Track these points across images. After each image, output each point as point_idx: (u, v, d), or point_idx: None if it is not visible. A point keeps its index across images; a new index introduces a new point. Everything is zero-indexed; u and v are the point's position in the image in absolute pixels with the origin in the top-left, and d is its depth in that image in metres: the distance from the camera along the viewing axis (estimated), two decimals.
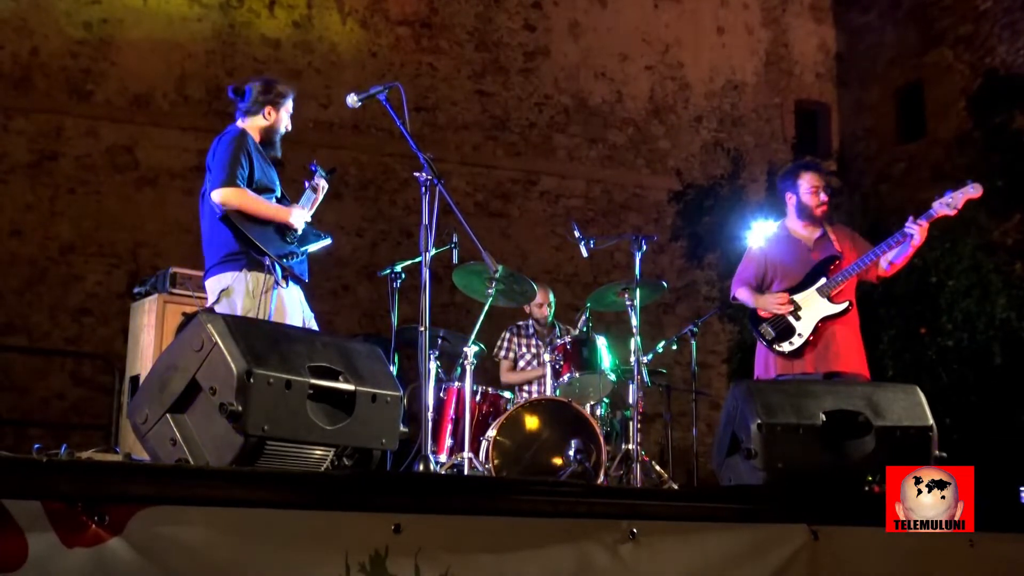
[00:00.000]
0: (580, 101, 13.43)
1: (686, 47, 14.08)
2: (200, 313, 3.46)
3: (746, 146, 13.78)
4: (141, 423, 3.47)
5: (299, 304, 5.18)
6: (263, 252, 4.83)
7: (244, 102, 5.24)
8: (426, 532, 2.84)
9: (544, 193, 13.12)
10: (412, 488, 3.00)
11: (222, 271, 4.89)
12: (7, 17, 11.04)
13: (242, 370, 3.25)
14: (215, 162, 4.93)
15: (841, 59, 14.88)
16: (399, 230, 12.20)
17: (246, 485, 2.70)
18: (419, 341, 4.73)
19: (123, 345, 9.32)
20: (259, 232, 4.88)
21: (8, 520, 2.34)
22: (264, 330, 3.66)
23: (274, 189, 5.17)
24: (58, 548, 2.38)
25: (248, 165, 4.95)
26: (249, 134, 5.13)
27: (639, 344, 6.12)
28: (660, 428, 10.08)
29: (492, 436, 5.99)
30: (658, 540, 3.27)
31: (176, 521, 2.53)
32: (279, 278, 4.91)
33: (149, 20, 11.56)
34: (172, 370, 3.45)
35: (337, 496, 2.78)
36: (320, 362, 3.58)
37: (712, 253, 12.28)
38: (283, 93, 5.33)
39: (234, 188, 4.83)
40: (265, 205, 4.96)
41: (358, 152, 12.28)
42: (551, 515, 3.09)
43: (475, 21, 13.04)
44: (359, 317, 11.83)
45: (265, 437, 3.30)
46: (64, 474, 2.46)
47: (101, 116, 11.17)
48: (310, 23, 12.30)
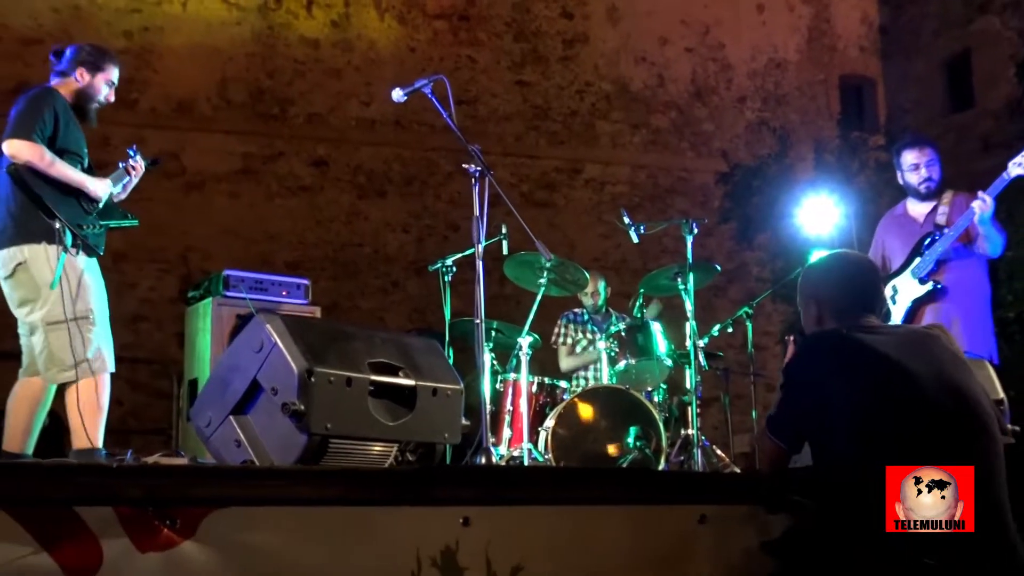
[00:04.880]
0: (621, 87, 13.35)
1: (726, 27, 13.94)
2: (259, 314, 3.45)
3: (791, 124, 13.64)
4: (205, 426, 3.47)
5: (100, 276, 4.77)
6: (53, 215, 4.46)
7: (60, 64, 4.90)
8: (495, 525, 2.81)
9: (589, 181, 13.06)
10: (480, 481, 2.98)
11: (17, 241, 4.53)
12: (50, 29, 11.16)
13: (303, 369, 3.24)
14: (13, 115, 4.56)
15: (885, 32, 14.67)
16: (445, 224, 12.19)
17: (315, 484, 2.69)
18: (475, 334, 4.69)
19: (177, 349, 9.43)
20: (51, 194, 4.52)
21: (82, 526, 2.34)
22: (322, 328, 3.66)
23: (81, 156, 4.80)
24: (132, 553, 2.39)
25: (53, 125, 4.60)
26: (59, 93, 4.78)
27: (694, 328, 6.06)
28: (715, 412, 10.00)
29: (550, 426, 5.98)
30: (727, 524, 3.23)
31: (246, 523, 2.52)
32: (68, 245, 4.46)
33: (189, 26, 11.64)
34: (233, 372, 3.45)
35: (406, 491, 2.75)
36: (379, 358, 3.57)
37: (762, 234, 12.16)
38: (102, 57, 4.97)
39: (29, 142, 4.47)
40: (62, 166, 4.57)
41: (401, 148, 12.30)
42: (620, 503, 3.05)
43: (512, 11, 13.00)
44: (409, 312, 11.85)
45: (328, 435, 3.29)
46: (134, 479, 2.46)
47: (146, 124, 11.26)
48: (348, 21, 12.33)
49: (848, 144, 12.72)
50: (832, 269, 3.39)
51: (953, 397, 2.93)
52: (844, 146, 12.68)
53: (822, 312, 3.26)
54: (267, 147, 11.81)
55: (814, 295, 3.31)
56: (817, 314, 3.28)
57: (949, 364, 3.03)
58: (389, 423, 3.50)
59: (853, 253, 3.66)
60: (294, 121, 11.92)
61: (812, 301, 3.31)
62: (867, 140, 13.10)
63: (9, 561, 2.27)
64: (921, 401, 2.90)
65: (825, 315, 3.25)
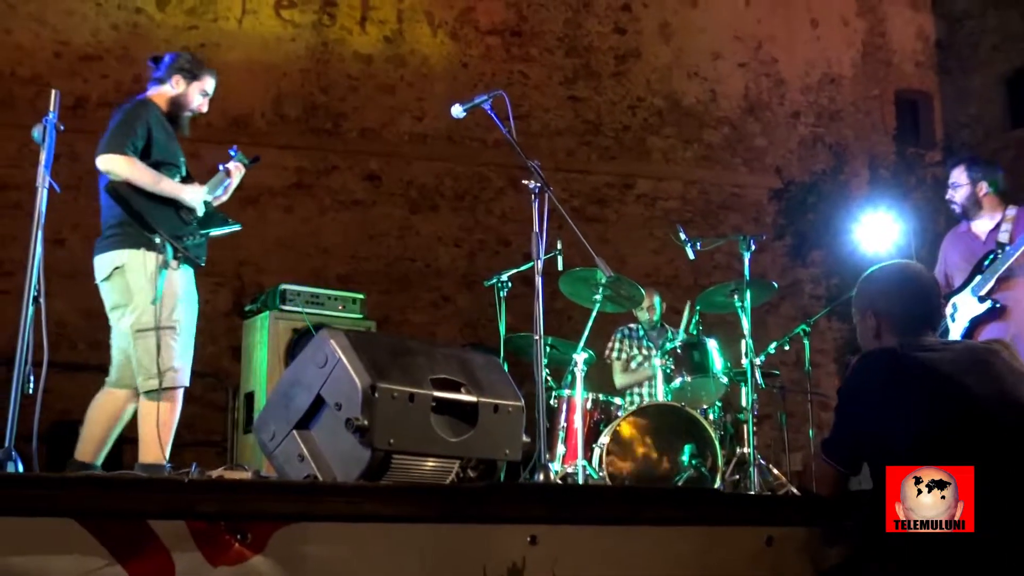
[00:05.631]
0: (673, 102, 13.30)
1: (780, 42, 13.85)
2: (323, 330, 3.46)
3: (846, 140, 13.51)
4: (268, 440, 3.48)
5: (194, 290, 4.81)
6: (153, 229, 4.53)
7: (158, 70, 4.96)
8: (562, 543, 2.80)
9: (640, 196, 13.01)
10: (549, 499, 2.96)
11: (119, 246, 4.60)
12: (109, 46, 11.34)
13: (366, 384, 3.24)
14: (108, 129, 4.65)
15: (941, 46, 14.50)
16: (496, 239, 12.20)
17: (385, 500, 2.69)
18: (533, 349, 4.68)
19: (231, 362, 9.51)
20: (150, 207, 4.56)
21: (155, 540, 2.36)
22: (385, 343, 3.65)
23: (178, 165, 4.86)
24: (203, 566, 2.40)
25: (146, 136, 4.64)
26: (154, 104, 4.83)
27: (751, 346, 6.02)
28: (767, 429, 9.91)
29: (605, 443, 5.95)
30: (793, 546, 3.18)
31: (316, 538, 2.53)
32: (169, 258, 4.53)
33: (244, 43, 11.78)
34: (297, 387, 3.46)
35: (473, 508, 2.75)
36: (441, 374, 3.56)
37: (817, 250, 12.05)
38: (199, 67, 5.03)
39: (121, 156, 4.52)
40: (155, 177, 4.61)
41: (453, 163, 12.33)
42: (687, 523, 3.02)
43: (564, 27, 13.00)
44: (460, 327, 11.86)
45: (391, 451, 3.29)
46: (206, 493, 2.47)
47: (202, 139, 11.32)
48: (401, 37, 12.40)
49: (904, 160, 12.59)
50: (893, 281, 3.21)
51: (1016, 413, 2.85)
52: (900, 162, 12.55)
53: (881, 326, 3.13)
54: (320, 162, 11.90)
55: (873, 307, 3.17)
56: (876, 327, 3.14)
57: (1011, 380, 2.93)
58: (451, 439, 3.49)
59: (915, 264, 3.42)
60: (347, 136, 12.00)
61: (871, 313, 3.17)
62: (923, 156, 12.95)
63: (84, 573, 2.29)
64: (981, 419, 2.83)
65: (884, 329, 3.12)
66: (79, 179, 11.02)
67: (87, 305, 10.80)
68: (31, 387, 3.68)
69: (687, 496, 3.28)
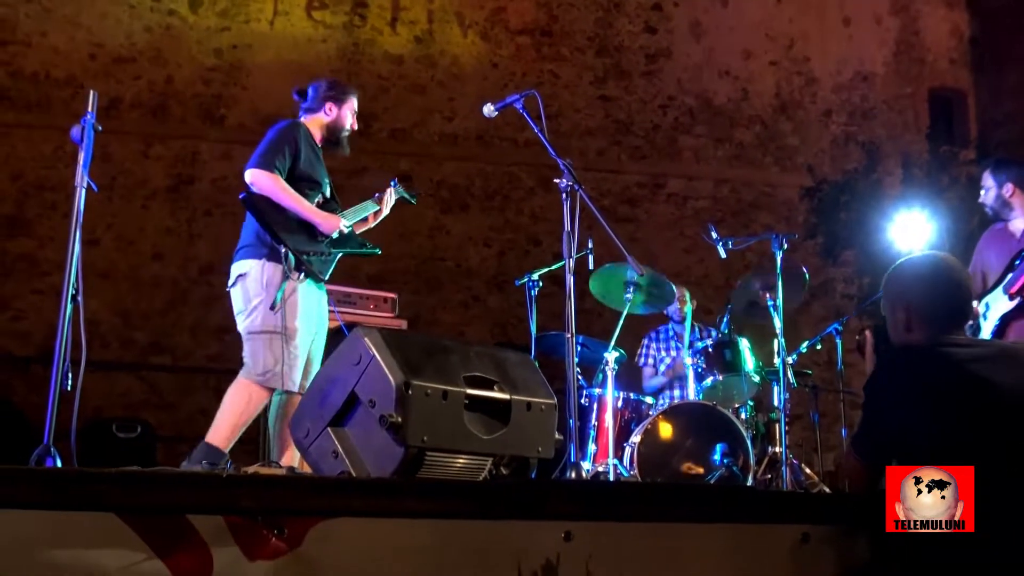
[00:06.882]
0: (704, 101, 13.26)
1: (811, 40, 13.76)
2: (357, 327, 3.49)
3: (879, 138, 13.41)
4: (303, 437, 3.51)
5: (317, 304, 5.04)
6: (280, 240, 4.74)
7: (307, 101, 5.24)
8: (597, 540, 2.80)
9: (671, 195, 12.98)
10: (585, 496, 2.97)
11: (245, 257, 4.85)
12: (142, 48, 11.45)
13: (400, 382, 3.26)
14: (259, 146, 4.92)
15: (976, 44, 14.36)
16: (526, 239, 12.21)
17: (421, 496, 2.70)
18: (565, 348, 4.69)
19: None
20: (281, 221, 4.79)
21: (194, 534, 2.39)
22: (419, 342, 3.67)
23: (321, 185, 5.09)
24: (242, 561, 2.42)
25: (292, 156, 4.89)
26: (304, 126, 5.10)
27: (783, 344, 5.98)
28: (798, 429, 9.85)
29: (636, 442, 5.94)
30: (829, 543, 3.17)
31: (353, 533, 2.55)
32: (290, 269, 4.74)
33: (276, 43, 11.85)
34: (331, 384, 3.48)
35: (509, 505, 2.76)
36: (474, 372, 3.58)
37: (849, 249, 11.97)
38: (345, 90, 5.33)
39: (268, 172, 4.78)
40: (295, 199, 4.85)
41: (483, 163, 12.35)
42: (723, 520, 3.02)
43: (595, 27, 12.99)
44: (490, 327, 11.88)
45: (425, 448, 3.30)
46: (244, 489, 2.49)
47: (234, 139, 11.46)
48: (431, 37, 12.43)
49: (937, 159, 12.48)
50: (926, 273, 3.12)
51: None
52: (933, 161, 12.45)
53: (911, 319, 3.05)
54: (351, 161, 11.92)
55: (903, 299, 3.09)
56: (906, 320, 3.06)
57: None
58: (484, 436, 3.50)
59: (949, 257, 3.27)
60: (378, 136, 12.03)
61: (901, 306, 3.09)
62: (957, 154, 12.84)
63: (124, 567, 2.32)
64: (1010, 418, 2.80)
65: (914, 322, 3.04)
66: (112, 180, 11.19)
67: (121, 305, 11.00)
68: (69, 384, 3.75)
69: (722, 493, 3.28)
